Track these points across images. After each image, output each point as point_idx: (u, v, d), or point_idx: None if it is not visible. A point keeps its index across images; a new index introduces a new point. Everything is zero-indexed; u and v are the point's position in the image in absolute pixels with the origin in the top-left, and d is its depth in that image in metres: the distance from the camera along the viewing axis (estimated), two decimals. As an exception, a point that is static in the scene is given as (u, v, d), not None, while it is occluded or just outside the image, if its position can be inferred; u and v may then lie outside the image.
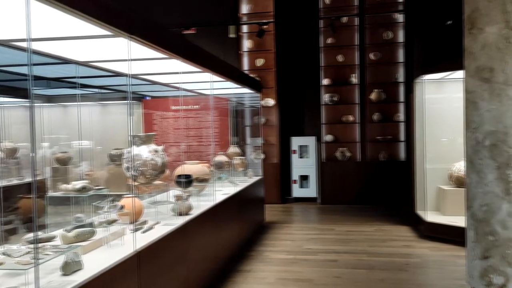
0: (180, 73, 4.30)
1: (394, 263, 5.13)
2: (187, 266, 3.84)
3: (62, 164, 7.05)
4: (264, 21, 8.89)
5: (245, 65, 9.49)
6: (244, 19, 9.43)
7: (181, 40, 4.07)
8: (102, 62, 4.05)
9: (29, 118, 2.03)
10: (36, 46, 3.16)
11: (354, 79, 9.28)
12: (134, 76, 4.72)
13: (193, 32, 8.89)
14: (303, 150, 9.52)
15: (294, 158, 9.50)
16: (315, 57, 9.35)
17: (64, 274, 2.47)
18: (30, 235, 2.88)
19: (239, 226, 5.81)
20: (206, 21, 9.26)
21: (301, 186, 9.53)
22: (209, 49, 4.81)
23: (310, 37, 9.45)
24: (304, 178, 9.52)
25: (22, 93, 6.84)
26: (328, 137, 9.34)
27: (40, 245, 2.66)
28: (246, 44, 9.48)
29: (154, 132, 7.07)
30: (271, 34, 9.18)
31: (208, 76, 4.96)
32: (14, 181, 6.45)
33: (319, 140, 9.45)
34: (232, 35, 9.40)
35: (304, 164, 9.47)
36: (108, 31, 2.79)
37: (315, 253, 5.60)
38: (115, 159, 6.58)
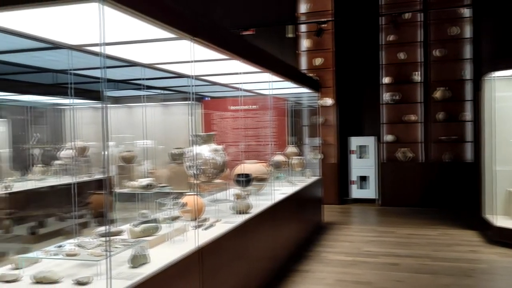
0: (240, 73, 4.36)
1: (460, 268, 4.90)
2: (247, 264, 3.89)
3: (127, 163, 7.40)
4: (323, 19, 8.81)
5: (303, 65, 9.45)
6: (303, 18, 9.39)
7: (242, 41, 4.13)
8: (165, 64, 4.19)
9: (102, 119, 2.15)
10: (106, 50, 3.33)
11: (417, 77, 8.95)
12: (195, 77, 4.85)
13: (252, 33, 8.99)
14: (362, 150, 9.33)
15: (353, 158, 9.33)
16: (375, 55, 9.13)
17: (132, 267, 2.59)
18: (101, 229, 3.06)
19: (297, 226, 5.80)
20: (264, 22, 9.33)
21: (360, 187, 9.34)
22: (267, 49, 4.84)
23: (370, 34, 9.24)
24: (363, 179, 9.32)
25: (92, 94, 7.24)
26: (389, 137, 9.09)
27: (110, 238, 2.81)
28: (304, 43, 9.43)
29: (213, 131, 7.23)
30: (329, 32, 9.08)
31: (267, 76, 4.99)
32: (84, 178, 6.86)
33: (379, 140, 9.21)
34: (290, 35, 9.41)
35: (363, 165, 9.27)
36: (172, 34, 2.89)
37: (375, 255, 5.47)
38: (176, 158, 6.80)
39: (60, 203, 5.34)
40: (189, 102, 5.36)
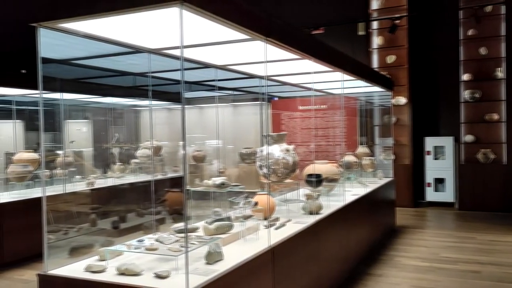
0: (311, 73, 4.33)
1: (551, 280, 4.51)
2: (318, 265, 3.85)
3: (198, 162, 7.64)
4: (397, 15, 8.51)
5: (375, 63, 9.19)
6: (375, 15, 9.13)
7: (314, 40, 4.09)
8: (237, 65, 4.25)
9: (182, 120, 2.22)
10: (179, 52, 3.45)
11: (500, 73, 8.37)
12: (266, 78, 4.88)
13: (322, 32, 8.89)
14: (438, 151, 8.88)
15: (428, 159, 8.91)
16: (453, 51, 8.65)
17: (207, 263, 2.66)
18: (177, 225, 3.17)
19: (369, 229, 5.65)
20: (334, 20, 9.18)
21: (436, 190, 8.89)
22: (337, 47, 4.76)
23: (447, 29, 8.77)
24: (439, 181, 8.87)
25: (167, 96, 7.54)
26: (468, 138, 8.57)
27: (184, 235, 2.90)
28: (376, 40, 9.16)
29: (282, 131, 7.24)
30: (403, 29, 8.74)
31: (339, 75, 4.91)
32: (159, 176, 7.16)
33: (457, 140, 8.72)
34: (361, 33, 9.19)
35: (439, 166, 8.82)
36: (246, 35, 2.93)
37: (454, 262, 5.19)
38: (245, 157, 6.89)
39: (138, 200, 5.61)
40: (260, 102, 5.42)
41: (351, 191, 5.43)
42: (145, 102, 7.72)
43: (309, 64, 4.09)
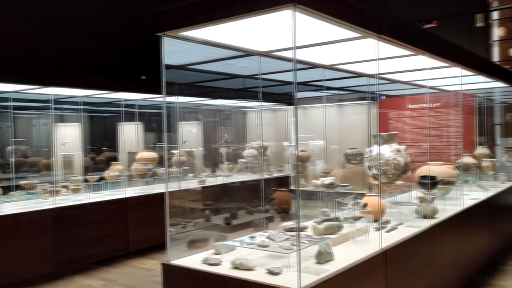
0: (426, 69, 4.10)
1: None
2: (433, 271, 3.65)
3: (302, 162, 7.67)
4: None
5: (495, 56, 8.42)
6: (495, 4, 8.37)
7: (429, 35, 3.88)
8: (346, 64, 4.19)
9: (295, 120, 2.26)
10: (288, 53, 3.50)
11: None
12: (373, 76, 4.74)
13: (434, 25, 8.38)
14: None
15: (561, 162, 7.92)
16: None
17: (318, 263, 2.66)
18: (286, 224, 3.23)
19: (490, 236, 5.19)
20: (449, 12, 8.59)
21: None
22: (452, 41, 4.44)
23: None
24: None
25: (273, 97, 7.70)
26: None
27: (295, 233, 2.94)
28: (497, 32, 8.39)
29: (390, 131, 6.96)
30: (530, 17, 7.90)
31: (456, 70, 4.59)
32: (265, 176, 7.35)
33: None
34: (479, 24, 8.49)
35: None
36: (357, 33, 2.88)
37: None
38: (350, 158, 6.75)
39: (247, 198, 5.83)
40: (368, 101, 5.29)
41: (470, 195, 5.04)
42: (253, 104, 7.97)
43: (423, 60, 3.88)
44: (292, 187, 7.38)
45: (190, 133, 9.11)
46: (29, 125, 8.89)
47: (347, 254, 2.85)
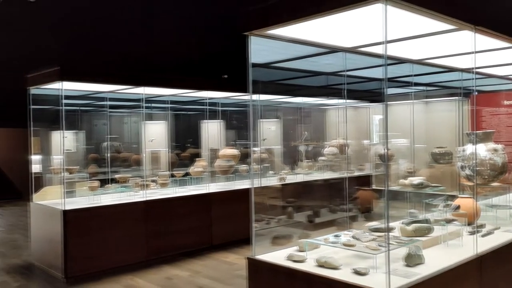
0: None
1: None
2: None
3: (384, 161, 7.39)
4: None
5: None
6: None
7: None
8: (436, 58, 3.98)
9: (384, 117, 2.19)
10: (374, 49, 3.40)
11: None
12: (467, 70, 4.45)
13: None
14: None
15: None
16: None
17: (407, 265, 2.57)
18: (372, 223, 3.15)
19: None
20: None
21: None
22: None
23: None
24: None
25: (355, 94, 7.53)
26: None
27: (382, 234, 2.86)
28: None
29: (483, 130, 6.50)
30: None
31: None
32: (345, 174, 7.21)
33: None
34: None
35: None
36: (451, 26, 2.73)
37: None
38: (438, 157, 6.40)
39: (329, 196, 5.77)
40: (460, 98, 4.99)
41: None
42: (334, 101, 7.86)
43: (524, 52, 3.57)
44: (374, 187, 7.17)
45: (269, 130, 9.21)
46: (121, 123, 9.55)
47: (438, 258, 2.72)
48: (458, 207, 3.34)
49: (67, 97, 5.77)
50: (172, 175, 6.57)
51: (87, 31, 8.00)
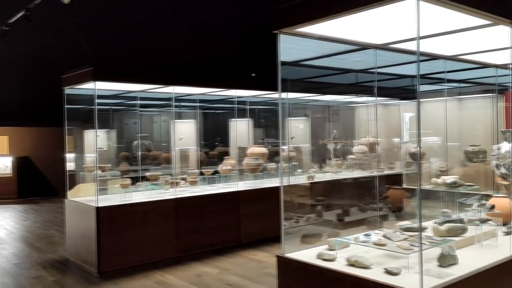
0: None
1: None
2: None
3: (416, 159, 7.25)
4: None
5: None
6: None
7: None
8: (470, 54, 3.88)
9: (416, 114, 2.16)
10: (406, 45, 3.34)
11: None
12: (502, 67, 4.33)
13: None
14: None
15: None
16: None
17: (440, 266, 2.52)
18: (403, 223, 3.10)
19: None
20: None
21: None
22: None
23: None
24: None
25: (385, 92, 7.42)
26: None
27: (414, 234, 2.82)
28: None
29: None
30: None
31: None
32: (374, 173, 7.11)
33: None
34: None
35: None
36: (486, 21, 2.65)
37: None
38: (471, 156, 6.24)
39: (359, 195, 5.70)
40: (495, 94, 4.85)
41: None
42: (364, 99, 7.76)
43: None
44: (405, 185, 7.05)
45: (297, 129, 9.17)
46: (151, 122, 9.70)
47: (473, 259, 2.66)
48: (493, 207, 3.26)
49: (99, 97, 5.91)
50: (201, 173, 6.63)
51: (119, 31, 8.17)
